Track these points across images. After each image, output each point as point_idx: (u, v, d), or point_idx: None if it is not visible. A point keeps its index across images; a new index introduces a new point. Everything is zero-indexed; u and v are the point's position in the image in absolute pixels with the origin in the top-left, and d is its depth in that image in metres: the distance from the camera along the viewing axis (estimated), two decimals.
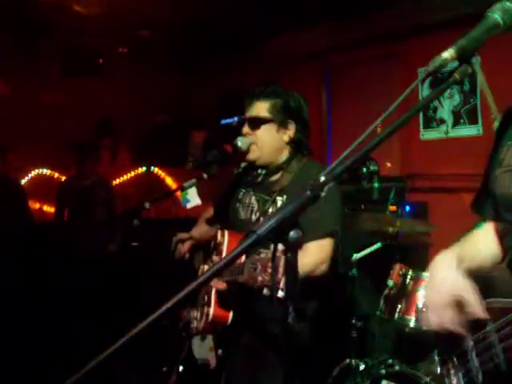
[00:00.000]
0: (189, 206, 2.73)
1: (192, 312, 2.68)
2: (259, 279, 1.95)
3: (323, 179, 1.09)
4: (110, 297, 4.90)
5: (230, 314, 2.44)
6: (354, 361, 3.37)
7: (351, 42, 5.86)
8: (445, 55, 1.19)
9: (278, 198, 2.59)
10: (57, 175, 6.97)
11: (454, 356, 1.45)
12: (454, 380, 1.44)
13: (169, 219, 5.88)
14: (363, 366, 3.33)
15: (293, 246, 1.07)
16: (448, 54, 1.19)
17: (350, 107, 6.14)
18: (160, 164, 7.48)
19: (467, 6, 4.25)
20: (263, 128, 2.60)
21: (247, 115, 2.65)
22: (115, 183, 7.15)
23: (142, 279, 5.10)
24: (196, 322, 2.62)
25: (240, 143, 2.60)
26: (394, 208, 4.45)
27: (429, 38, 4.96)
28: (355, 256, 3.62)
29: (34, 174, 6.93)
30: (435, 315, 1.43)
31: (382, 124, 1.17)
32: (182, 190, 2.72)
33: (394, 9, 5.00)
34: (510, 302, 1.32)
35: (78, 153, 5.62)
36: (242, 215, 2.73)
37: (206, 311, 2.47)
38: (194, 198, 2.71)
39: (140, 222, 2.59)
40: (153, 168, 7.50)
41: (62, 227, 5.66)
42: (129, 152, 7.59)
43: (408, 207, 4.84)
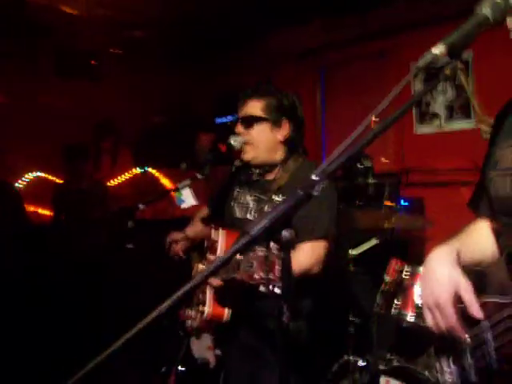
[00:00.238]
0: (184, 206, 2.74)
1: (187, 311, 2.68)
2: (255, 277, 1.95)
3: (316, 178, 1.09)
4: (107, 298, 4.90)
5: (226, 312, 2.44)
6: (352, 357, 3.38)
7: (346, 39, 5.86)
8: (435, 51, 1.19)
9: (274, 198, 2.59)
10: (52, 178, 6.96)
11: (450, 352, 1.44)
12: (449, 376, 1.44)
13: (165, 220, 5.87)
14: (362, 362, 3.34)
15: (285, 245, 1.07)
16: (438, 50, 1.19)
17: (345, 104, 6.14)
18: (156, 165, 7.48)
19: (460, 2, 4.25)
20: (257, 127, 2.60)
21: (240, 114, 2.65)
22: (111, 185, 7.14)
23: (138, 281, 5.10)
24: (191, 321, 2.62)
25: (233, 142, 2.61)
26: (389, 203, 4.46)
27: (423, 35, 4.95)
28: (351, 252, 3.63)
29: (30, 176, 6.92)
30: (431, 314, 1.42)
31: (378, 120, 1.17)
32: (176, 190, 2.73)
33: (389, 6, 5.01)
34: (503, 299, 1.31)
35: (68, 156, 5.62)
36: (238, 214, 2.73)
37: (201, 309, 2.47)
38: (188, 198, 2.72)
39: (134, 223, 2.59)
40: (148, 169, 7.50)
41: (58, 230, 5.66)
42: (127, 153, 7.59)
43: (403, 202, 4.85)
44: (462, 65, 4.57)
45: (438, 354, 1.49)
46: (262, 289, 1.96)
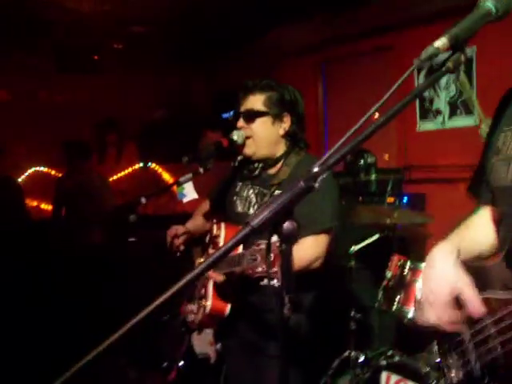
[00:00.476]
0: (185, 200, 2.73)
1: (189, 306, 2.68)
2: (259, 270, 1.95)
3: (317, 170, 1.08)
4: (108, 293, 4.91)
5: (228, 306, 2.44)
6: (353, 352, 3.38)
7: (347, 34, 5.85)
8: (437, 44, 1.18)
9: (276, 192, 2.59)
10: (54, 172, 6.97)
11: (453, 347, 1.44)
12: (453, 371, 1.43)
13: (166, 214, 5.88)
14: (363, 357, 3.34)
15: (287, 236, 1.07)
16: (440, 43, 1.18)
17: (347, 99, 6.13)
18: (157, 160, 7.49)
19: None
20: (258, 121, 2.60)
21: (242, 109, 2.65)
22: (113, 179, 7.16)
23: (140, 275, 5.11)
24: (193, 316, 2.62)
25: (235, 136, 2.60)
26: (391, 200, 4.45)
27: (424, 29, 4.95)
28: (353, 248, 3.63)
29: (31, 171, 6.93)
30: (432, 312, 1.42)
31: (380, 114, 1.17)
32: (178, 184, 2.72)
33: (392, 0, 4.99)
34: (506, 295, 1.31)
35: (67, 153, 5.63)
36: (240, 208, 2.73)
37: (204, 304, 2.47)
38: (190, 193, 2.71)
39: (137, 217, 2.59)
40: (150, 164, 7.50)
41: (59, 224, 5.66)
42: (132, 148, 7.61)
43: (406, 198, 4.85)
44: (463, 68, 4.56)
45: (441, 350, 1.49)
46: (264, 282, 1.96)
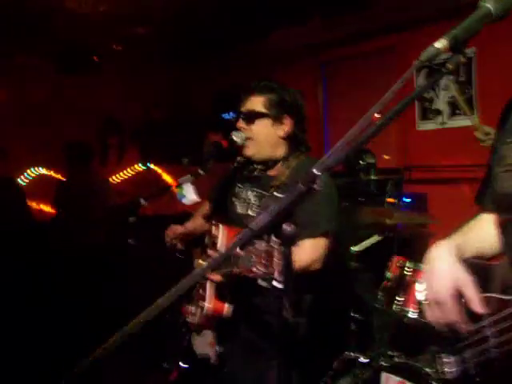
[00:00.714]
0: (185, 201, 2.73)
1: (188, 307, 2.68)
2: (254, 270, 1.95)
3: (316, 171, 1.08)
4: (108, 294, 4.91)
5: (226, 307, 2.44)
6: (353, 353, 3.38)
7: (347, 35, 5.85)
8: (437, 45, 1.18)
9: (276, 194, 2.59)
10: (55, 174, 6.97)
11: (450, 345, 1.44)
12: (449, 369, 1.44)
13: (166, 215, 5.87)
14: (363, 358, 3.34)
15: (286, 239, 1.07)
16: (440, 44, 1.18)
17: (347, 101, 6.13)
18: (158, 161, 7.49)
19: None
20: (258, 123, 2.60)
21: (242, 109, 2.65)
22: (114, 181, 7.16)
23: (140, 277, 5.11)
24: (192, 317, 2.62)
25: (235, 137, 2.61)
26: (391, 200, 4.45)
27: (425, 30, 4.95)
28: (353, 249, 3.62)
29: (32, 173, 6.93)
30: (433, 310, 1.42)
31: (381, 116, 1.17)
32: (178, 186, 2.72)
33: (392, 2, 4.98)
34: (507, 296, 1.31)
35: (69, 154, 5.62)
36: (239, 210, 2.73)
37: (201, 304, 2.46)
38: (190, 194, 2.71)
39: (136, 218, 2.59)
40: (150, 165, 7.50)
41: (60, 226, 5.66)
42: (134, 149, 7.61)
43: (406, 199, 4.84)
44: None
45: (438, 346, 1.49)
46: (260, 282, 1.96)
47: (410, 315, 2.99)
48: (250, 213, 2.66)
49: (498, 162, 1.51)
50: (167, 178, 7.50)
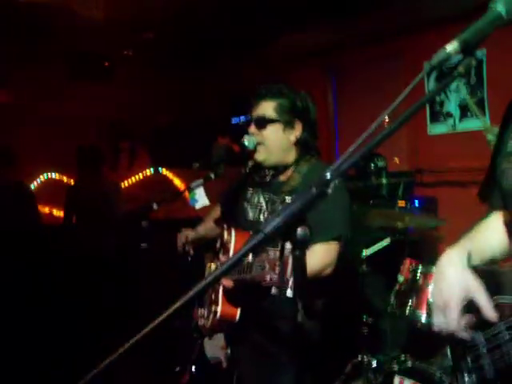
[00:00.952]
0: (197, 206, 2.74)
1: (200, 311, 2.68)
2: (267, 278, 1.95)
3: (329, 176, 1.08)
4: (120, 298, 4.92)
5: (238, 312, 2.44)
6: (366, 357, 3.37)
7: (357, 40, 5.85)
8: (448, 48, 1.18)
9: (287, 199, 2.59)
10: (66, 179, 7.01)
11: (467, 352, 1.43)
12: (466, 376, 1.43)
13: (178, 219, 5.89)
14: (375, 362, 3.33)
15: (300, 243, 1.07)
16: (451, 48, 1.17)
17: (357, 105, 6.12)
18: (168, 165, 7.51)
19: (470, 2, 4.21)
20: (269, 128, 2.60)
21: (253, 115, 2.65)
22: (125, 185, 7.18)
23: (152, 280, 5.12)
24: (203, 321, 2.62)
25: (247, 142, 2.61)
26: (402, 203, 4.44)
27: (435, 34, 4.93)
28: (365, 252, 3.61)
29: (43, 178, 6.97)
30: (444, 318, 1.41)
31: (390, 120, 1.17)
32: (189, 190, 2.73)
33: (403, 6, 4.97)
34: None
35: (81, 158, 5.64)
36: (251, 215, 2.73)
37: (214, 309, 2.47)
38: (201, 198, 2.72)
39: (148, 223, 2.60)
40: (161, 169, 7.53)
41: (70, 231, 5.68)
42: (144, 154, 7.64)
43: (417, 202, 4.83)
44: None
45: (454, 353, 1.48)
46: (273, 291, 1.96)
47: (423, 319, 2.98)
48: (262, 218, 2.66)
49: (505, 158, 1.50)
50: (178, 182, 7.52)
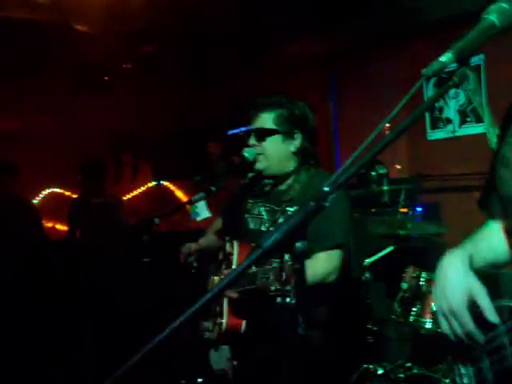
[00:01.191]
0: (199, 218, 2.76)
1: (205, 323, 2.69)
2: (272, 288, 1.96)
3: (327, 189, 1.09)
4: (124, 312, 4.92)
5: (243, 324, 2.45)
6: (371, 366, 3.36)
7: (354, 46, 5.87)
8: (443, 59, 1.19)
9: (287, 209, 2.60)
10: (68, 193, 7.03)
11: (466, 355, 1.44)
12: (466, 379, 1.43)
13: (180, 231, 5.90)
14: (381, 370, 3.31)
15: (299, 256, 1.08)
16: (446, 58, 1.19)
17: (357, 112, 6.14)
18: (170, 178, 7.53)
19: (470, 4, 4.22)
20: (269, 140, 2.61)
21: (253, 127, 2.66)
22: (127, 198, 7.20)
23: (155, 294, 5.12)
24: (209, 333, 2.63)
25: (247, 154, 2.62)
26: (404, 210, 4.43)
27: (432, 38, 4.95)
28: (368, 260, 3.61)
29: (46, 192, 6.99)
30: (449, 321, 1.41)
31: (392, 125, 1.18)
32: (190, 203, 2.75)
33: (400, 11, 4.99)
34: None
35: (83, 172, 5.66)
36: (252, 226, 2.74)
37: (219, 321, 2.48)
38: (203, 211, 2.74)
39: (150, 237, 2.61)
40: (163, 182, 7.55)
41: (74, 245, 5.69)
42: (147, 167, 7.67)
43: (419, 209, 4.82)
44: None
45: (454, 358, 1.48)
46: (278, 300, 1.97)
47: (427, 326, 2.98)
48: (263, 228, 2.67)
49: (503, 164, 1.50)
50: (180, 194, 7.53)
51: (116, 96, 6.65)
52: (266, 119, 2.62)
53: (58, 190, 7.08)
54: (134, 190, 7.46)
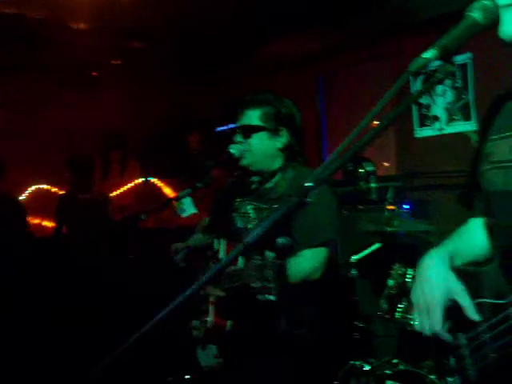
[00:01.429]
0: (185, 215, 2.75)
1: (192, 322, 2.69)
2: (253, 285, 1.96)
3: (309, 185, 1.09)
4: (109, 309, 4.90)
5: (228, 322, 2.45)
6: (358, 362, 3.37)
7: (345, 44, 5.87)
8: (426, 55, 1.20)
9: (274, 206, 2.60)
10: (55, 190, 6.98)
11: (450, 353, 1.44)
12: (450, 377, 1.44)
13: (167, 228, 5.88)
14: (368, 366, 3.33)
15: (281, 252, 1.07)
16: (429, 54, 1.20)
17: (345, 110, 6.15)
18: (158, 174, 7.51)
19: (457, 3, 4.23)
20: (255, 136, 2.61)
21: (239, 124, 2.66)
22: (115, 195, 7.17)
23: (141, 290, 5.11)
24: (196, 331, 2.63)
25: (233, 150, 2.62)
26: (392, 207, 4.44)
27: (420, 37, 4.96)
28: (355, 257, 3.62)
29: (33, 189, 6.94)
30: (423, 318, 1.42)
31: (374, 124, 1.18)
32: (177, 199, 2.74)
33: (387, 9, 5.00)
34: (499, 302, 1.31)
35: (72, 168, 5.64)
36: (239, 224, 2.73)
37: (205, 319, 2.48)
38: (189, 208, 2.73)
39: (136, 233, 2.60)
40: (151, 179, 7.52)
41: (60, 241, 5.66)
42: (135, 164, 7.64)
43: (406, 206, 4.83)
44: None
45: (438, 355, 1.49)
46: (259, 297, 1.97)
47: (413, 322, 2.99)
48: (250, 227, 2.67)
49: (484, 160, 1.50)
50: (168, 191, 7.51)
51: (104, 92, 6.61)
52: (252, 116, 2.62)
53: (44, 186, 7.03)
54: (122, 187, 7.42)
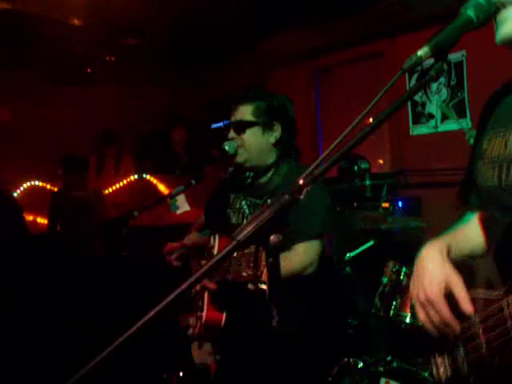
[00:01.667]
0: (178, 212, 2.75)
1: (188, 318, 2.69)
2: (243, 274, 1.96)
3: (302, 182, 1.09)
4: (103, 306, 4.90)
5: (223, 317, 2.44)
6: (351, 359, 3.37)
7: (339, 41, 5.87)
8: (419, 53, 1.20)
9: (269, 202, 2.60)
10: (49, 187, 6.96)
11: (442, 346, 1.45)
12: (442, 369, 1.45)
13: (161, 226, 5.88)
14: (361, 364, 3.33)
15: (273, 249, 1.07)
16: (423, 52, 1.20)
17: (340, 107, 6.15)
18: (153, 171, 7.50)
19: (452, 1, 4.24)
20: (248, 132, 2.61)
21: (232, 120, 2.66)
22: (109, 192, 7.15)
23: (134, 288, 5.10)
24: (192, 328, 2.63)
25: (227, 147, 2.62)
26: (386, 205, 4.45)
27: (416, 35, 4.97)
28: (349, 254, 3.63)
29: (26, 186, 6.92)
30: (424, 311, 1.43)
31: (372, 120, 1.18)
32: (170, 197, 2.74)
33: (383, 7, 5.01)
34: (492, 294, 1.32)
35: (66, 166, 5.63)
36: (234, 220, 2.74)
37: (200, 315, 2.48)
38: (182, 205, 2.74)
39: (129, 230, 2.60)
40: (145, 176, 7.51)
41: (55, 238, 5.66)
42: (129, 160, 7.63)
43: (401, 203, 4.85)
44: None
45: (431, 349, 1.50)
46: (250, 286, 1.97)
47: (407, 320, 3.00)
48: (245, 222, 2.67)
49: (480, 157, 1.51)
50: (162, 188, 7.50)
51: (99, 88, 6.60)
52: (245, 111, 2.62)
53: (38, 183, 7.01)
54: (116, 184, 7.41)
